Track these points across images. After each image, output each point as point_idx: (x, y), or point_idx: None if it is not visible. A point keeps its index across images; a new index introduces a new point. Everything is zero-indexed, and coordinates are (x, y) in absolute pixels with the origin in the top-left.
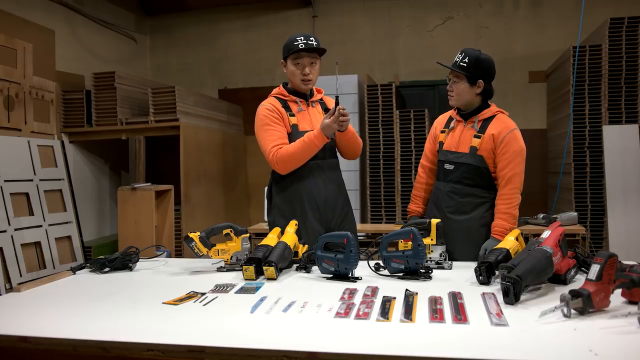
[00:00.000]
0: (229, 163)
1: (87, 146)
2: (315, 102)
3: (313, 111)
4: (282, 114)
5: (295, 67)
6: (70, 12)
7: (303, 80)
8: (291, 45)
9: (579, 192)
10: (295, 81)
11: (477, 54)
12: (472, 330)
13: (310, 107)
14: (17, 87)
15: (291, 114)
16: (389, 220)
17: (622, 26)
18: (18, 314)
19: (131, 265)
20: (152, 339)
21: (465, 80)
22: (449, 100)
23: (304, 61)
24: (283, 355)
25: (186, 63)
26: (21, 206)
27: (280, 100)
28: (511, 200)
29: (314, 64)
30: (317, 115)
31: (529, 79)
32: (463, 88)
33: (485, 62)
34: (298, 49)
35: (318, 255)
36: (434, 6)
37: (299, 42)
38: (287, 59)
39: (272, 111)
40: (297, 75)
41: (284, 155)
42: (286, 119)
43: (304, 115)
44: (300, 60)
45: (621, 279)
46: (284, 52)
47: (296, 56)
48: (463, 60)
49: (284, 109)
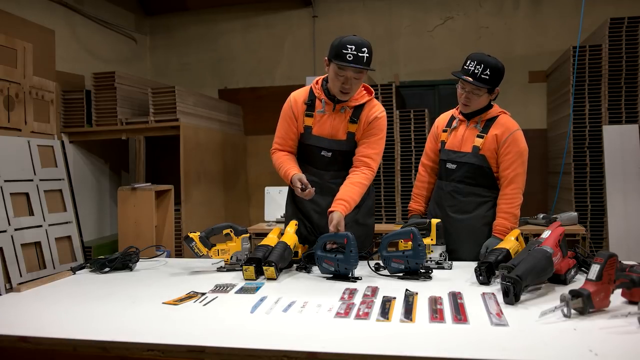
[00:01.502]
0: (229, 163)
1: (87, 146)
2: (347, 109)
3: (337, 117)
4: (299, 112)
5: (336, 76)
6: (70, 12)
7: (342, 91)
8: (340, 51)
9: (579, 192)
10: (333, 88)
11: (495, 63)
12: (472, 330)
13: (336, 111)
14: (17, 87)
15: (309, 115)
16: (389, 220)
17: (622, 26)
18: (18, 314)
19: (131, 265)
20: (152, 339)
21: (486, 92)
22: (463, 108)
23: (348, 74)
24: (283, 355)
25: (186, 63)
26: (21, 206)
27: (311, 93)
28: (513, 200)
29: (358, 79)
30: (340, 123)
31: (529, 79)
32: (483, 99)
33: (502, 70)
34: (346, 60)
35: (318, 256)
36: (434, 6)
37: (348, 52)
38: (332, 61)
39: (289, 109)
40: (336, 85)
41: (273, 160)
42: (300, 119)
43: (323, 119)
44: (344, 72)
45: (621, 279)
46: (330, 52)
47: (341, 66)
48: (484, 72)
49: (306, 105)
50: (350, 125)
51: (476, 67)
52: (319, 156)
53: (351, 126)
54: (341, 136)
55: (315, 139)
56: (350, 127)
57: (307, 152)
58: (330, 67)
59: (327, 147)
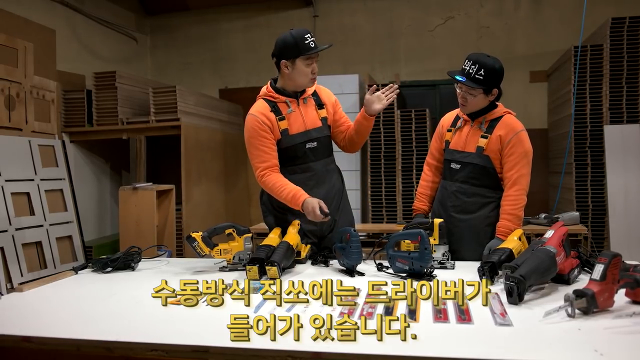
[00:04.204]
0: (229, 163)
1: (88, 146)
2: (308, 98)
3: (305, 109)
4: (272, 122)
5: (306, 67)
6: (71, 12)
7: (312, 79)
8: (302, 44)
9: (580, 192)
10: (302, 81)
11: (491, 64)
12: (477, 330)
13: (301, 104)
14: (18, 87)
15: (281, 118)
16: (390, 220)
17: (624, 26)
18: (21, 314)
19: (133, 265)
20: (156, 339)
21: (482, 92)
22: (461, 108)
23: (314, 60)
24: (288, 356)
25: (187, 63)
26: (22, 206)
27: (270, 102)
28: (517, 202)
29: (317, 61)
30: (310, 112)
31: (530, 78)
32: (479, 100)
33: (499, 70)
34: (311, 49)
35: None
36: (435, 6)
37: (309, 41)
38: (297, 59)
39: (260, 123)
40: (307, 76)
41: (268, 184)
42: (276, 127)
43: (295, 116)
44: (312, 60)
45: (625, 279)
46: (291, 51)
47: (309, 57)
48: (478, 72)
49: (273, 114)
50: (320, 111)
51: (471, 67)
52: (305, 150)
53: (321, 112)
54: (317, 124)
55: (296, 136)
56: (321, 112)
57: (290, 154)
58: (295, 64)
59: (311, 138)
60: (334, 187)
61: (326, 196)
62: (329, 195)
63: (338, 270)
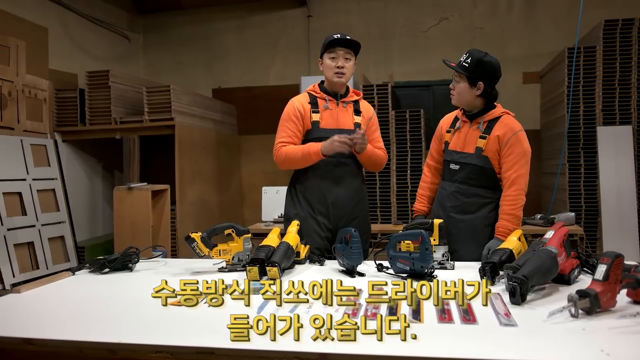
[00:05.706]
0: (222, 163)
1: (81, 145)
2: (347, 103)
3: (342, 111)
4: (305, 112)
5: (330, 61)
6: (64, 10)
7: (337, 73)
8: (328, 40)
9: (573, 193)
10: (329, 75)
11: (481, 56)
12: (482, 331)
13: (340, 106)
14: (9, 86)
15: (315, 111)
16: (385, 221)
17: (616, 28)
18: (21, 316)
19: (131, 265)
20: (159, 341)
21: (466, 81)
22: (451, 98)
23: (339, 54)
24: (294, 357)
25: (180, 62)
26: (14, 206)
27: (311, 96)
28: (515, 202)
29: (348, 60)
30: (346, 115)
31: (523, 80)
32: (463, 87)
33: (488, 65)
34: (334, 39)
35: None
36: (429, 7)
37: (335, 35)
38: (324, 54)
39: (294, 109)
40: (331, 69)
41: (283, 154)
42: (307, 117)
43: (330, 113)
44: (336, 54)
45: (627, 279)
46: (321, 49)
47: (332, 50)
48: (466, 60)
49: (310, 105)
50: (355, 117)
51: (463, 57)
52: None
53: (356, 118)
54: (349, 126)
55: (324, 131)
56: (356, 118)
57: None
58: (323, 61)
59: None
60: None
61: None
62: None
63: (338, 270)
